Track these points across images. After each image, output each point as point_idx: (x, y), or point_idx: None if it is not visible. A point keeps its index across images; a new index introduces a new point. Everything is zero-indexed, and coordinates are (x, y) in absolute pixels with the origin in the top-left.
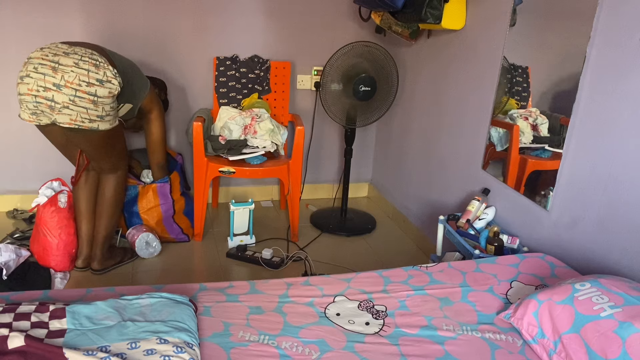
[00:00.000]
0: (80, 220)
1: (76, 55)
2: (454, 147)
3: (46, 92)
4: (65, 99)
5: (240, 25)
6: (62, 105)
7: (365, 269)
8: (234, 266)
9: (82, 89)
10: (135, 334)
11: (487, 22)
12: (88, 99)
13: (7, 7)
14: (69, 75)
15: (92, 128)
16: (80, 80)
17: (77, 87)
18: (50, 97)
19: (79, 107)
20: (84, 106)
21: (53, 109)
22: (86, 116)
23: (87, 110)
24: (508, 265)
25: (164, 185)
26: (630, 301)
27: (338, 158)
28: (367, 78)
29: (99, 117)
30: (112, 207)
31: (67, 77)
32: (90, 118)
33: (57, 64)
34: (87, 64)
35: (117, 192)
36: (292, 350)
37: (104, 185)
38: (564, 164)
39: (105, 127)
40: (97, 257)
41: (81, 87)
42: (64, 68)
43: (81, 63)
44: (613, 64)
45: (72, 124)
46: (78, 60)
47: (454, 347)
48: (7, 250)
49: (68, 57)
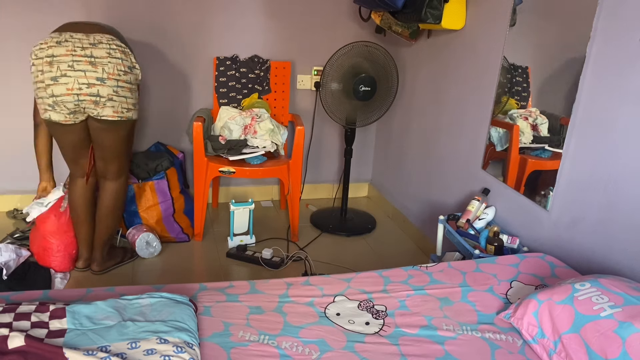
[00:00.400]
0: (79, 224)
1: (104, 45)
2: (453, 147)
3: (90, 88)
4: (110, 91)
5: (240, 25)
6: (107, 98)
7: (365, 269)
8: (234, 266)
9: (121, 78)
10: (135, 333)
11: (487, 22)
12: (127, 88)
13: (7, 6)
14: (108, 66)
15: (129, 118)
16: (118, 70)
17: (117, 77)
18: (96, 92)
19: (120, 97)
20: (124, 95)
21: (97, 104)
22: (126, 106)
23: (127, 99)
24: (508, 265)
25: (161, 182)
26: (630, 301)
27: (338, 158)
28: (367, 78)
29: (134, 106)
30: (112, 214)
31: (107, 69)
32: (129, 107)
33: (93, 57)
34: (117, 51)
35: (118, 200)
36: (292, 350)
37: (105, 192)
38: (564, 164)
39: (136, 116)
40: (97, 260)
41: (120, 76)
42: (101, 60)
43: (112, 52)
44: (613, 64)
45: (115, 115)
46: (109, 50)
47: (454, 347)
48: (7, 250)
49: (97, 48)
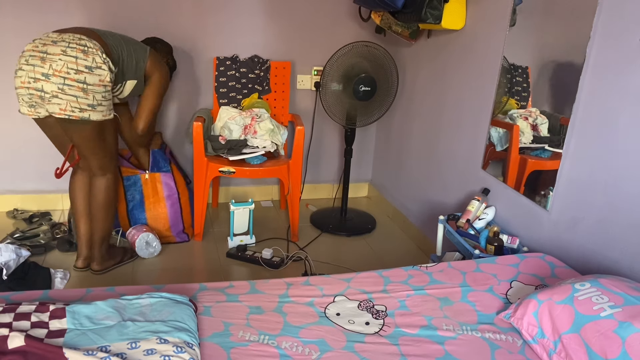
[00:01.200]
0: (79, 220)
1: (64, 43)
2: (453, 147)
3: (36, 82)
4: (54, 87)
5: (240, 25)
6: (51, 95)
7: (365, 269)
8: (234, 266)
9: (70, 76)
10: (135, 333)
11: (487, 22)
12: (77, 87)
13: (6, 6)
14: (57, 63)
15: (83, 118)
16: (68, 67)
17: (65, 75)
18: (40, 87)
19: (68, 96)
20: (73, 94)
21: (43, 99)
22: (76, 105)
23: (77, 98)
24: (508, 265)
25: (167, 175)
26: (630, 301)
27: (338, 158)
28: (367, 78)
29: (90, 106)
30: (104, 210)
31: (54, 66)
32: (81, 107)
33: (45, 54)
34: (75, 50)
35: (107, 195)
36: (292, 350)
37: (94, 188)
38: (564, 164)
39: (97, 117)
40: (96, 258)
41: (69, 74)
42: (51, 57)
43: (69, 50)
44: (613, 63)
45: (62, 113)
46: (65, 48)
47: (454, 347)
48: (7, 250)
49: (56, 45)
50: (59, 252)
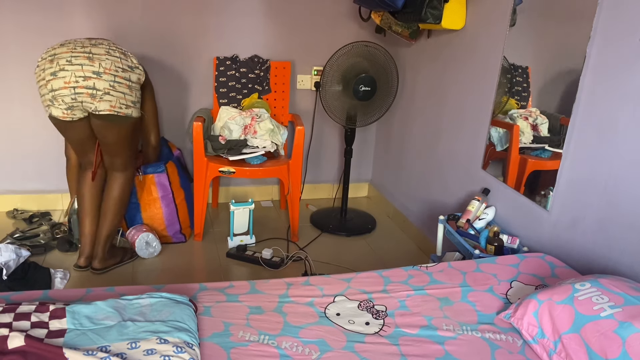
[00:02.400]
0: (85, 218)
1: (104, 45)
2: (453, 147)
3: (86, 80)
4: (106, 85)
5: (240, 25)
6: (103, 92)
7: (365, 269)
8: (234, 266)
9: (119, 74)
10: (135, 333)
11: (487, 22)
12: (125, 84)
13: (6, 7)
14: (105, 62)
15: (127, 114)
16: (115, 66)
17: (115, 73)
18: (92, 85)
19: (118, 93)
20: (122, 91)
21: (94, 97)
22: (124, 102)
23: (125, 95)
24: (508, 265)
25: (161, 176)
26: (630, 301)
27: (338, 158)
28: (367, 78)
29: (133, 104)
30: (118, 205)
31: (104, 64)
32: (127, 104)
33: (91, 54)
34: (117, 52)
35: (124, 191)
36: (292, 350)
37: (112, 183)
38: (564, 164)
39: (136, 114)
40: (98, 256)
41: (118, 72)
42: (99, 56)
43: (111, 51)
44: (613, 64)
45: (112, 110)
46: (108, 49)
47: (454, 347)
48: (7, 250)
49: (97, 47)
50: (59, 252)
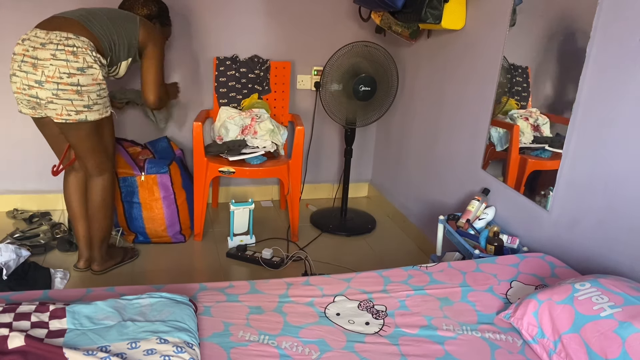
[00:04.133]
0: (76, 221)
1: (52, 45)
2: (454, 147)
3: (30, 90)
4: (48, 94)
5: (240, 25)
6: (46, 101)
7: (365, 269)
8: (234, 266)
9: (63, 81)
10: (135, 333)
11: (487, 22)
12: (71, 90)
13: (7, 7)
14: (48, 69)
15: (80, 120)
16: (60, 72)
17: (58, 81)
18: (35, 95)
19: (63, 100)
20: (67, 98)
21: (40, 105)
22: (72, 108)
23: (72, 101)
24: (508, 265)
25: (163, 176)
26: (630, 301)
27: (338, 158)
28: (367, 78)
29: (86, 107)
30: (102, 211)
31: (46, 72)
32: (77, 109)
33: (36, 59)
34: (64, 53)
35: (104, 196)
36: (292, 350)
37: (91, 189)
38: (564, 164)
39: (93, 117)
40: (96, 259)
41: (62, 79)
42: (42, 63)
43: (58, 54)
44: (613, 64)
45: (59, 118)
46: (55, 51)
47: (453, 347)
48: (7, 250)
49: (45, 49)
50: (59, 252)
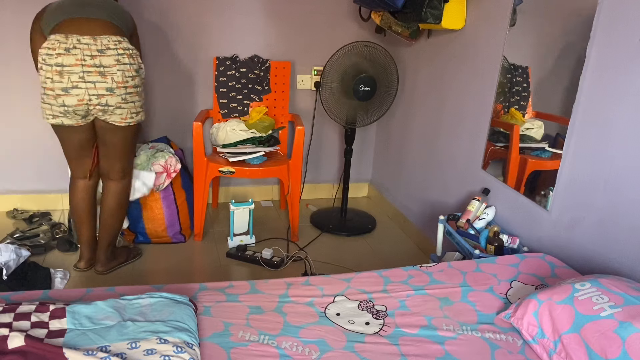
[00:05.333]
0: (81, 225)
1: (112, 51)
2: (454, 147)
3: (99, 98)
4: (118, 100)
5: (240, 25)
6: (115, 107)
7: (365, 269)
8: (234, 266)
9: (129, 84)
10: (135, 333)
11: (487, 22)
12: (135, 92)
13: (6, 7)
14: (117, 75)
15: (138, 121)
16: (126, 76)
17: (125, 85)
18: (105, 102)
19: (129, 104)
20: (132, 101)
21: (105, 112)
22: (134, 110)
23: (135, 103)
24: (508, 265)
25: None
26: (630, 301)
27: (338, 158)
28: (367, 78)
29: (141, 108)
30: (116, 215)
31: (116, 78)
32: (137, 111)
33: (102, 67)
34: (125, 56)
35: (121, 200)
36: (292, 350)
37: (109, 193)
38: (564, 164)
39: (143, 117)
40: (101, 261)
41: (128, 83)
42: (110, 70)
43: (121, 58)
44: (613, 64)
45: (123, 122)
46: (117, 56)
47: (454, 347)
48: (7, 250)
49: (106, 55)
50: (59, 252)
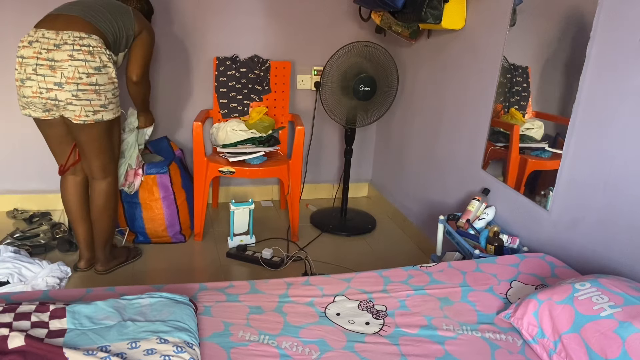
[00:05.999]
0: (75, 224)
1: (67, 47)
2: (454, 147)
3: (49, 92)
4: (68, 95)
5: (240, 25)
6: (65, 103)
7: (365, 269)
8: (234, 266)
9: (83, 81)
10: (135, 333)
11: (487, 22)
12: (90, 90)
13: (7, 7)
14: (68, 70)
15: (97, 120)
16: (79, 73)
17: (77, 81)
18: (54, 97)
19: (82, 101)
20: (87, 98)
21: (58, 107)
22: (90, 108)
23: (91, 101)
24: (508, 265)
25: (163, 176)
26: (630, 301)
27: (338, 158)
28: (367, 78)
29: (102, 107)
30: (105, 213)
31: (66, 74)
32: (94, 109)
33: (54, 61)
34: (81, 53)
35: (107, 200)
36: (292, 350)
37: (94, 192)
38: (564, 164)
39: (109, 116)
40: (100, 260)
41: (82, 79)
42: (60, 64)
43: (75, 54)
44: (613, 64)
45: (77, 119)
46: (72, 52)
47: (454, 347)
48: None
49: (60, 50)
50: (59, 252)
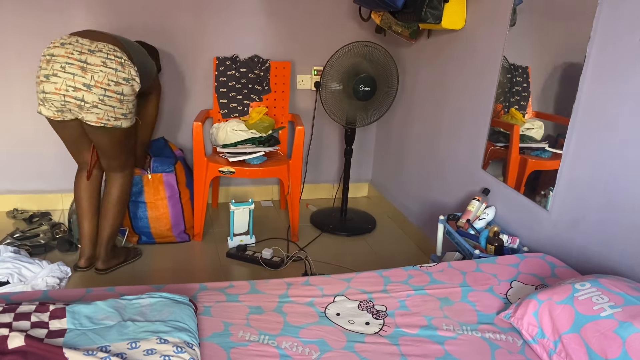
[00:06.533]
0: (83, 219)
1: (102, 54)
2: (454, 147)
3: (76, 92)
4: (95, 98)
5: (240, 25)
6: (91, 105)
7: (365, 269)
8: (234, 266)
9: (110, 88)
10: (135, 333)
11: (487, 22)
12: (116, 98)
13: (7, 6)
14: (98, 75)
15: (116, 126)
16: (109, 79)
17: (106, 87)
18: (80, 97)
19: (107, 106)
20: (111, 105)
21: (82, 108)
22: (112, 115)
23: (114, 109)
24: (508, 265)
25: (169, 175)
26: (630, 301)
27: (338, 158)
28: (367, 78)
29: (123, 115)
30: (118, 206)
31: (96, 77)
32: (116, 116)
33: (86, 64)
34: (114, 62)
35: (124, 191)
36: (292, 350)
37: (111, 184)
38: (564, 164)
39: (127, 124)
40: (101, 257)
41: (110, 86)
42: (92, 68)
43: (108, 62)
44: (613, 64)
45: (99, 122)
46: (105, 59)
47: (454, 347)
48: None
49: (94, 55)
50: (58, 252)
